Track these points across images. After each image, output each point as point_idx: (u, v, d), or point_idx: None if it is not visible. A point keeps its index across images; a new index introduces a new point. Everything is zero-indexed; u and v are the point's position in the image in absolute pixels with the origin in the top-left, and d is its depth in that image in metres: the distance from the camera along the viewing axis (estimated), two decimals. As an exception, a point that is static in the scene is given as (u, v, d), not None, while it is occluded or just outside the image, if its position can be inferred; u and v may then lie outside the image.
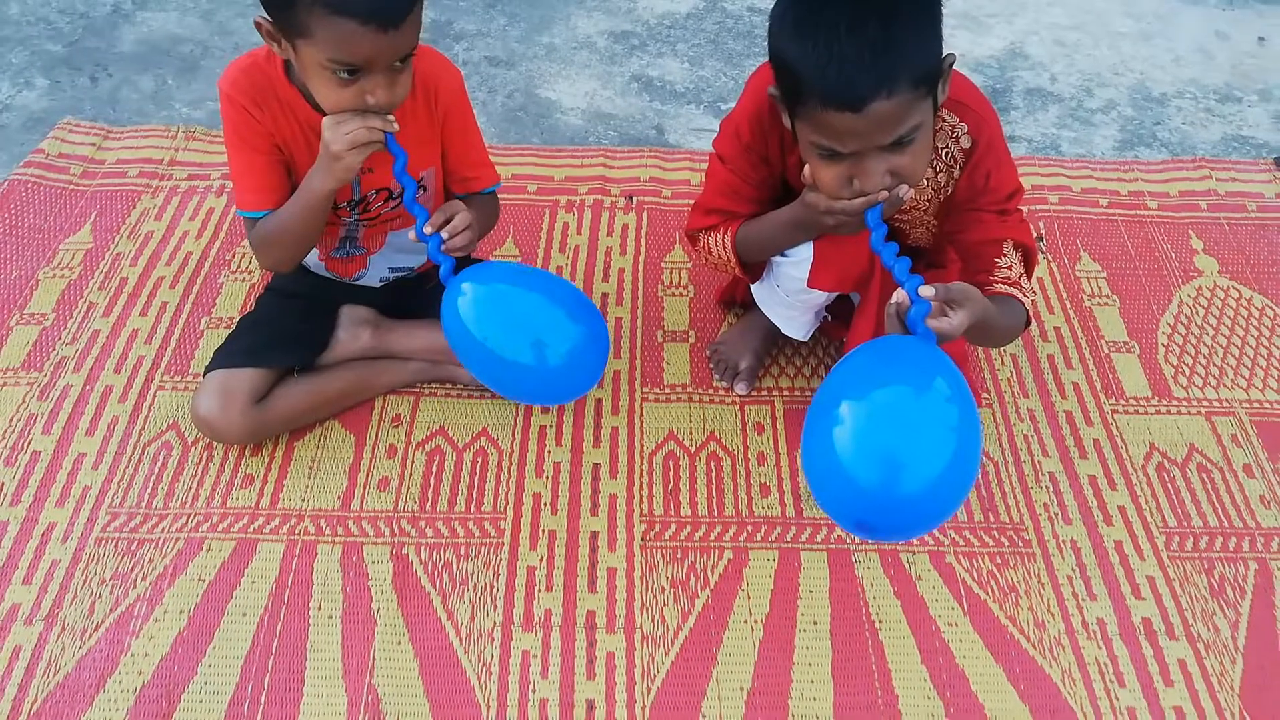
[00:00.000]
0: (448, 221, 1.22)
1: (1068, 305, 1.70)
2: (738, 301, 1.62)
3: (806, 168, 1.13)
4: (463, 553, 1.32)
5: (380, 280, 1.49)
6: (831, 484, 1.03)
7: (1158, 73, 2.30)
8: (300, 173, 1.26)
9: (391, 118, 1.16)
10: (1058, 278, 1.75)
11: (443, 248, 1.20)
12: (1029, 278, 1.27)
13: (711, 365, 1.56)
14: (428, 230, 1.20)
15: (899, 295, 1.05)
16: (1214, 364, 1.61)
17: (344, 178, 1.20)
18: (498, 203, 1.47)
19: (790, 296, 1.37)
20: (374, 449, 1.44)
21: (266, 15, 1.13)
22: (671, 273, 1.73)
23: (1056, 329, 1.66)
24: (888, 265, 1.09)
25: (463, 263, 1.26)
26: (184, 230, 1.77)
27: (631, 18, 2.42)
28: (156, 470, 1.39)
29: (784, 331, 1.47)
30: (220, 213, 1.81)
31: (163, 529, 1.32)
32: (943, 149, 1.21)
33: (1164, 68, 2.32)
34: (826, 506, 1.07)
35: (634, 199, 1.86)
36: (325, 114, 1.17)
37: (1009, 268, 1.22)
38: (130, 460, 1.40)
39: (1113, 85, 2.26)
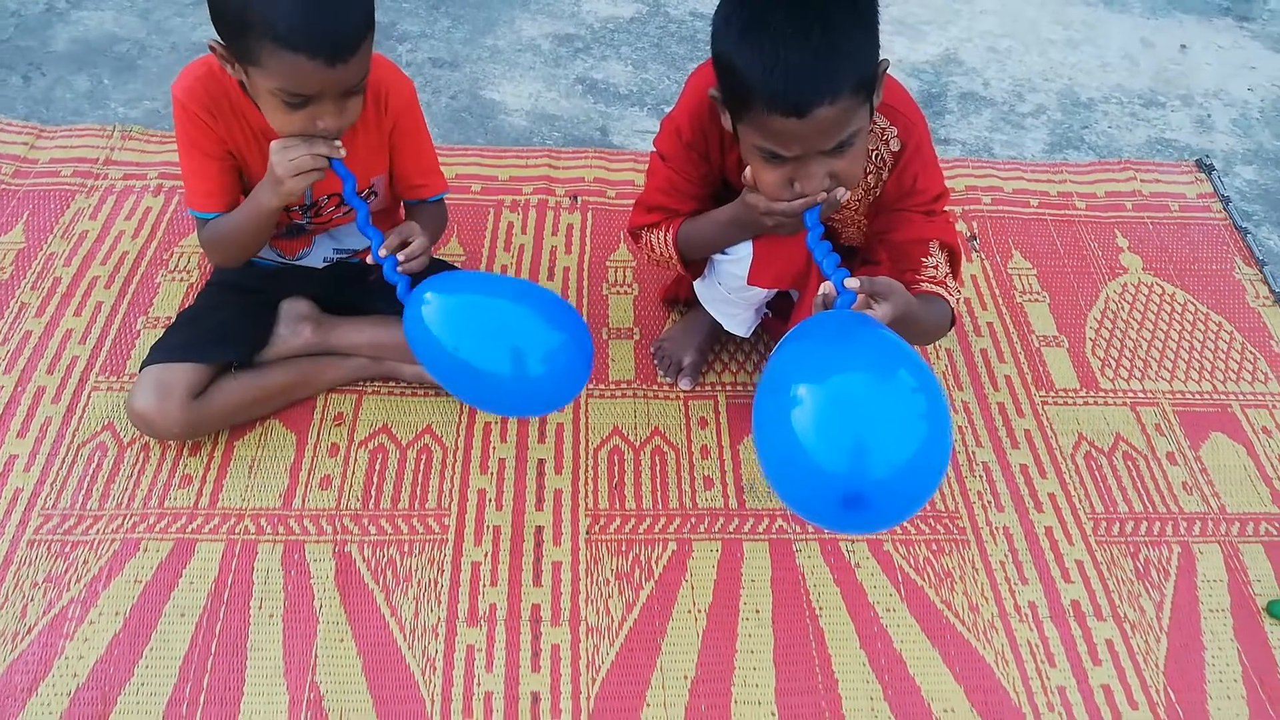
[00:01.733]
0: (404, 245, 1.22)
1: (1000, 301, 1.75)
2: (681, 299, 1.64)
3: (747, 169, 1.15)
4: (406, 549, 1.32)
5: (324, 261, 1.49)
6: (802, 469, 0.93)
7: (1085, 78, 2.39)
8: (253, 176, 1.28)
9: (338, 143, 1.18)
10: (990, 275, 1.80)
11: (399, 268, 1.20)
12: (955, 277, 1.30)
13: (656, 361, 1.58)
14: (383, 253, 1.20)
15: (826, 287, 1.07)
16: (1139, 357, 1.67)
17: (290, 200, 1.22)
18: (445, 210, 1.48)
19: (731, 294, 1.40)
20: (315, 447, 1.43)
21: (219, 39, 1.13)
22: (616, 271, 1.75)
23: (989, 324, 1.71)
24: (818, 260, 1.11)
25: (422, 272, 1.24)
26: (120, 230, 1.74)
27: (575, 21, 2.44)
28: (91, 471, 1.37)
29: (726, 328, 1.49)
30: (158, 212, 1.78)
31: (97, 530, 1.30)
32: (873, 151, 1.25)
33: (1091, 74, 2.40)
34: (795, 495, 0.98)
35: (579, 199, 1.88)
36: None
37: (935, 267, 1.25)
38: (64, 461, 1.38)
39: (1042, 90, 2.33)
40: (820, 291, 1.07)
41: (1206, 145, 2.19)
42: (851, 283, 1.05)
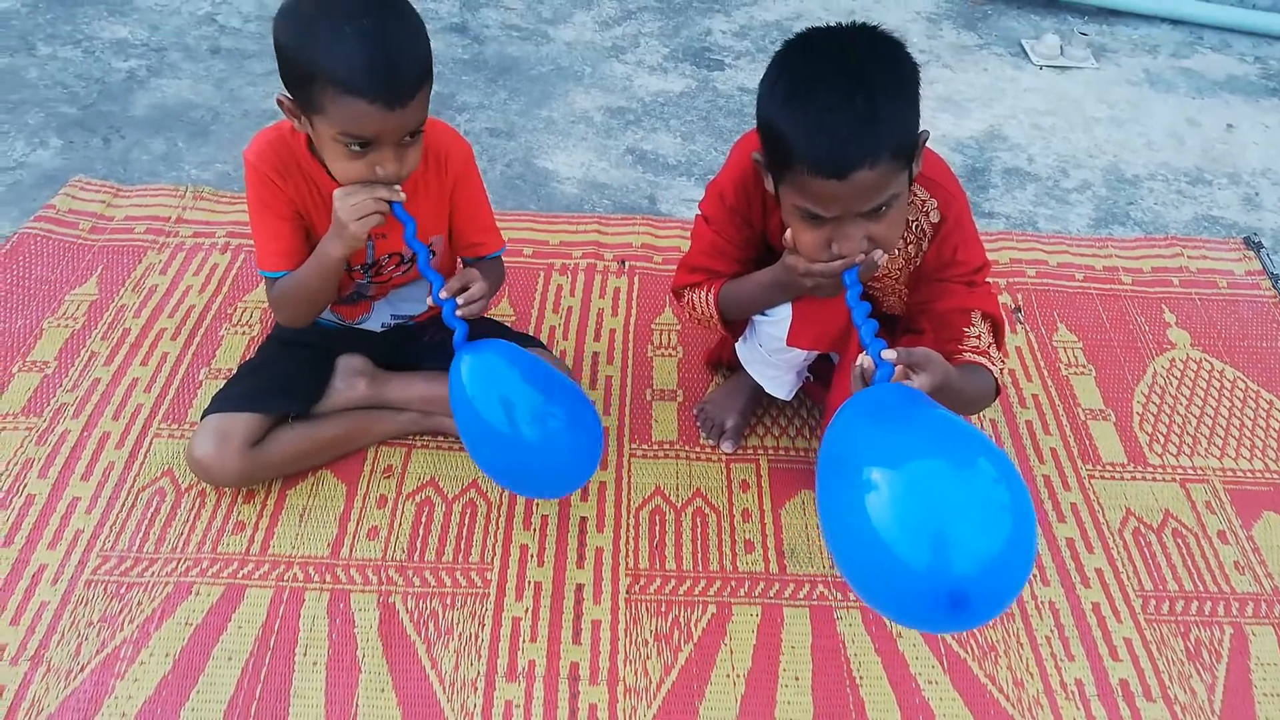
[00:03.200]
0: (465, 289, 1.26)
1: (1045, 374, 1.75)
2: (725, 363, 1.67)
3: (788, 231, 1.19)
4: (449, 602, 1.33)
5: (382, 325, 1.54)
6: (900, 573, 0.91)
7: (1130, 156, 2.40)
8: (319, 235, 1.33)
9: (398, 188, 1.22)
10: (1035, 347, 1.80)
11: (458, 312, 1.25)
12: (999, 348, 1.31)
13: (699, 423, 1.60)
14: (443, 295, 1.25)
15: (863, 359, 1.09)
16: (1188, 433, 1.65)
17: (354, 245, 1.26)
18: (503, 266, 1.53)
19: (771, 355, 1.42)
20: (365, 498, 1.46)
21: (287, 93, 1.20)
22: (661, 334, 1.78)
23: (1035, 396, 1.71)
24: (857, 324, 1.13)
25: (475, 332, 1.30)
26: (188, 285, 1.82)
27: (627, 95, 2.53)
28: (149, 515, 1.41)
29: (768, 390, 1.51)
30: (224, 269, 1.86)
31: (152, 573, 1.34)
32: (913, 222, 1.28)
33: (1136, 151, 2.42)
34: (890, 600, 0.95)
35: (626, 264, 1.92)
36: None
37: (977, 337, 1.26)
38: (124, 505, 1.42)
39: (1087, 167, 2.35)
40: (857, 363, 1.09)
41: (1255, 223, 2.19)
42: (889, 354, 1.06)
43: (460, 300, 1.25)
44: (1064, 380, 1.74)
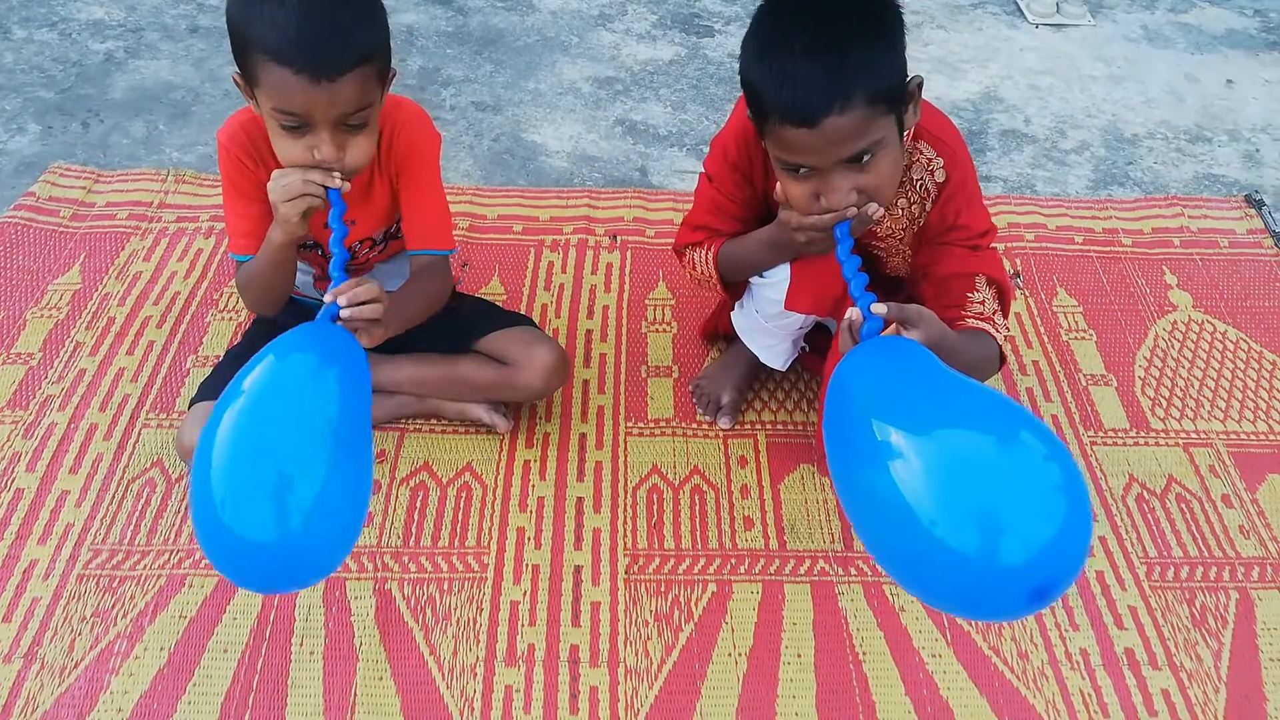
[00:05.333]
0: (354, 293, 1.12)
1: (1045, 339, 1.73)
2: (721, 334, 1.64)
3: (778, 185, 1.17)
4: (446, 588, 1.32)
5: None
6: (977, 575, 0.83)
7: (1129, 114, 2.36)
8: None
9: (337, 175, 1.17)
10: (1035, 313, 1.78)
11: (337, 318, 1.11)
12: (1004, 315, 1.29)
13: (695, 399, 1.58)
14: (329, 298, 1.12)
15: (852, 313, 1.07)
16: (1190, 396, 1.63)
17: (291, 230, 1.20)
18: (448, 269, 1.43)
19: (768, 321, 1.40)
20: (358, 485, 1.44)
21: (238, 70, 1.17)
22: (655, 309, 1.76)
23: (1035, 363, 1.68)
24: (847, 278, 1.11)
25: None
26: (172, 271, 1.79)
27: (615, 65, 2.48)
28: (140, 507, 1.39)
29: (763, 360, 1.48)
30: (208, 254, 1.83)
31: (145, 566, 1.32)
32: (917, 180, 1.25)
33: (1135, 109, 2.38)
34: (962, 600, 0.88)
35: (618, 238, 1.89)
36: None
37: (981, 303, 1.24)
38: (114, 497, 1.40)
39: (1085, 127, 2.31)
40: (846, 316, 1.07)
41: (1255, 180, 2.15)
42: (879, 308, 1.04)
43: (342, 303, 1.10)
44: (1064, 346, 1.72)
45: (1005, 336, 1.26)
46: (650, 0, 2.75)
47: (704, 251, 1.36)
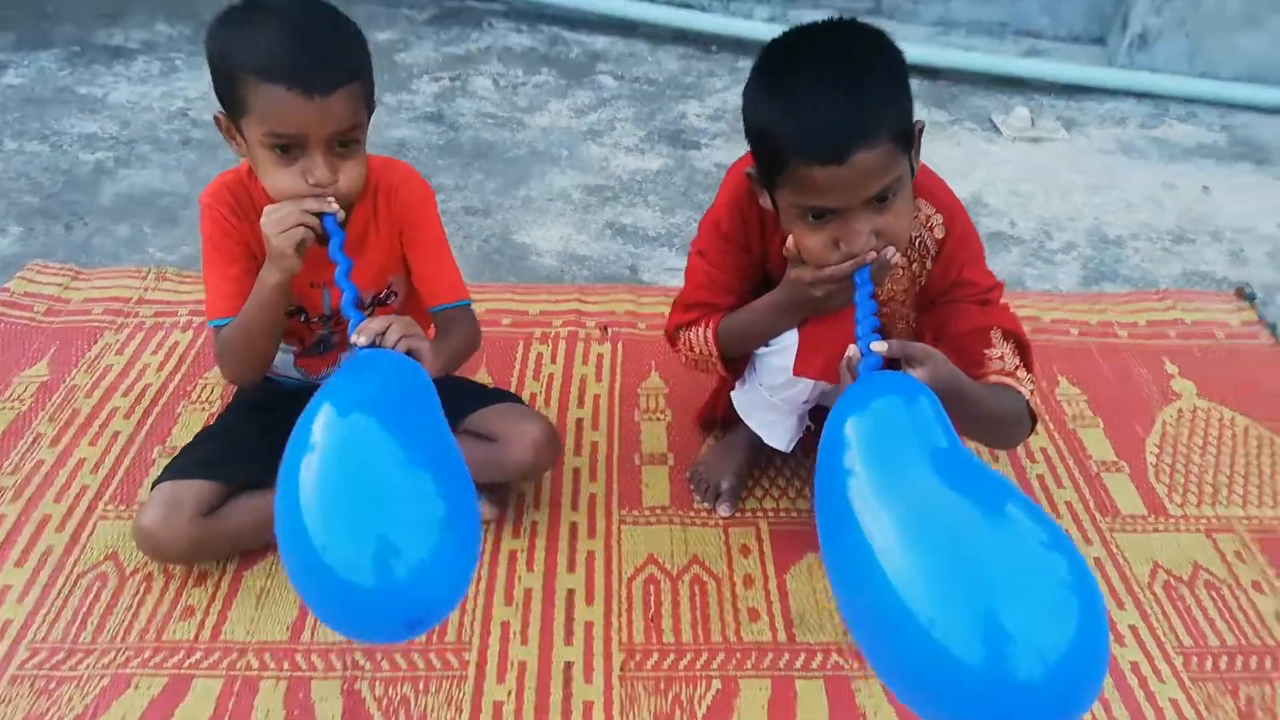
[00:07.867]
0: (384, 334, 1.09)
1: (1051, 428, 1.67)
2: (719, 419, 1.57)
3: (789, 240, 1.12)
4: (422, 687, 1.19)
5: None
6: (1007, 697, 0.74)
7: (1111, 217, 2.39)
8: None
9: (331, 199, 1.14)
10: (1038, 401, 1.73)
11: (377, 340, 1.08)
12: (1028, 369, 1.22)
13: (692, 486, 1.49)
14: (355, 339, 1.08)
15: (851, 349, 1.01)
16: (1206, 482, 1.57)
17: (286, 266, 1.15)
18: (474, 318, 1.40)
19: (772, 394, 1.33)
20: (330, 577, 1.33)
21: (221, 108, 1.15)
22: (649, 397, 1.69)
23: (1043, 449, 1.62)
24: (859, 320, 1.06)
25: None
26: (145, 363, 1.72)
27: (604, 174, 2.51)
28: (88, 603, 1.27)
29: (766, 440, 1.41)
30: (185, 346, 1.76)
31: (87, 665, 1.19)
32: (916, 238, 1.22)
33: (1117, 213, 2.41)
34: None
35: (609, 330, 1.85)
36: None
37: (1000, 358, 1.18)
38: (60, 592, 1.29)
39: (1070, 229, 2.34)
40: (845, 356, 1.01)
41: (1244, 277, 2.16)
42: (879, 346, 0.99)
43: (375, 342, 1.07)
44: (1071, 433, 1.66)
45: (1032, 390, 1.20)
46: (638, 118, 2.82)
47: (701, 329, 1.31)
